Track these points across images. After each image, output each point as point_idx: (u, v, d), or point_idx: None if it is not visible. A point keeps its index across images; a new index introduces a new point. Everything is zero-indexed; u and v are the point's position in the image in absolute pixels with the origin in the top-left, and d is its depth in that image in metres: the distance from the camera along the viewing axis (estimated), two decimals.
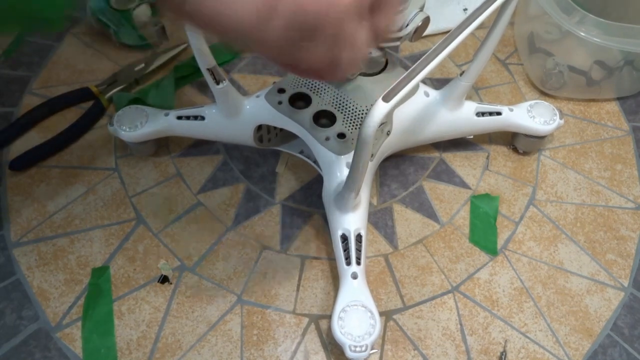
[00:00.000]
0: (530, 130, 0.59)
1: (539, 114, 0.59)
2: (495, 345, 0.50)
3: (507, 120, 0.59)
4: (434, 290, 0.53)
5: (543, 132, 0.59)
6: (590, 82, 0.66)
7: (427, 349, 0.49)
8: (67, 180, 0.58)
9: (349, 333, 0.44)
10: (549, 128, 0.59)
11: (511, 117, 0.59)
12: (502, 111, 0.58)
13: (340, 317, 0.45)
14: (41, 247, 0.54)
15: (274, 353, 0.49)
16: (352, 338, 0.44)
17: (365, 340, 0.44)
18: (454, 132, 0.60)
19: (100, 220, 0.56)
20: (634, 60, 0.63)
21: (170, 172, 0.60)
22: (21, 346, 0.48)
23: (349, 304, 0.46)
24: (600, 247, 0.57)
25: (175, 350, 0.49)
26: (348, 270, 0.47)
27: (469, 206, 0.59)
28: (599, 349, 0.50)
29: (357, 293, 0.47)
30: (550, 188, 0.61)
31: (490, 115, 0.58)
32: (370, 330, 0.45)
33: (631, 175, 0.62)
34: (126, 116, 0.57)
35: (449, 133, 0.60)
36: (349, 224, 0.48)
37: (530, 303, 0.53)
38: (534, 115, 0.59)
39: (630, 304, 0.53)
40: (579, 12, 0.59)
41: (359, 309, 0.46)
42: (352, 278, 0.47)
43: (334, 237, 0.49)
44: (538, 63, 0.68)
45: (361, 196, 0.48)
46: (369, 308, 0.46)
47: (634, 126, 0.67)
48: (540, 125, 0.59)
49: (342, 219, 0.49)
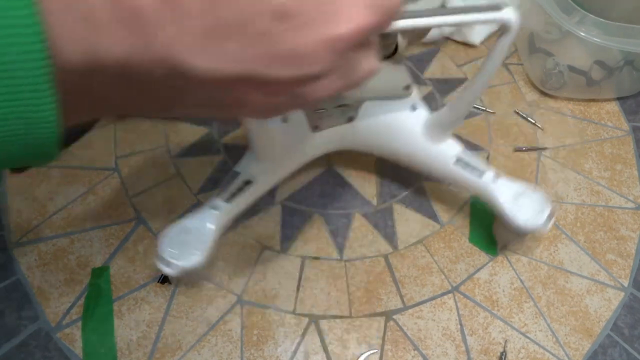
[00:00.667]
0: (506, 218, 0.49)
1: (529, 204, 0.48)
2: (495, 345, 0.50)
3: (485, 189, 0.49)
4: (434, 291, 0.53)
5: (521, 229, 0.48)
6: (590, 82, 0.66)
7: (427, 349, 0.49)
8: (67, 180, 0.58)
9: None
10: (530, 227, 0.48)
11: (490, 188, 0.49)
12: (484, 173, 0.50)
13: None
14: (41, 247, 0.54)
15: (274, 353, 0.49)
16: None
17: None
18: (425, 166, 0.52)
19: (100, 220, 0.56)
20: (634, 60, 0.63)
21: (170, 172, 0.60)
22: (21, 346, 0.48)
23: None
24: (600, 247, 0.57)
25: (175, 350, 0.49)
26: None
27: (469, 206, 0.59)
28: (599, 349, 0.50)
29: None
30: (550, 188, 0.61)
31: (470, 170, 0.49)
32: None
33: (631, 175, 0.62)
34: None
35: (420, 165, 0.52)
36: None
37: (530, 303, 0.53)
38: (520, 203, 0.48)
39: (630, 304, 0.53)
40: (579, 12, 0.59)
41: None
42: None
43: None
44: (538, 63, 0.68)
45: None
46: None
47: (634, 126, 0.67)
48: (522, 219, 0.47)
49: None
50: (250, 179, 0.50)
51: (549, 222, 0.48)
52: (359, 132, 0.52)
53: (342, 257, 0.54)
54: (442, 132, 0.49)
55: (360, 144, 0.54)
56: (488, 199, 0.50)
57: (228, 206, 0.48)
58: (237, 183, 0.49)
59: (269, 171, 0.51)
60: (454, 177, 0.51)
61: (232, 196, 0.49)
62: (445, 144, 0.50)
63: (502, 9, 0.37)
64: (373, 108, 0.50)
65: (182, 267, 0.45)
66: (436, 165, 0.51)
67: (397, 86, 0.50)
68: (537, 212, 0.48)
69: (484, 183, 0.49)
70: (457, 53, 0.73)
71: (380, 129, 0.51)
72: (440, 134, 0.50)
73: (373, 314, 0.51)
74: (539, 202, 0.49)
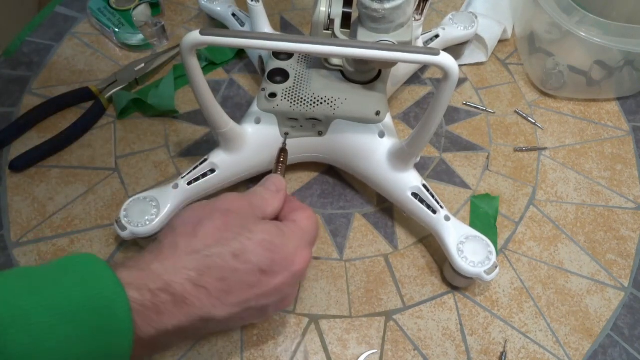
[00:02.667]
0: (450, 258, 0.49)
1: (476, 250, 0.49)
2: (496, 345, 0.50)
3: (435, 226, 0.50)
4: (434, 291, 0.53)
5: (462, 271, 0.48)
6: (590, 82, 0.66)
7: (427, 349, 0.49)
8: (67, 180, 0.58)
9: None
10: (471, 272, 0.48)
11: (441, 225, 0.50)
12: (437, 211, 0.50)
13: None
14: (41, 247, 0.54)
15: (273, 353, 0.49)
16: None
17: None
18: (385, 192, 0.54)
19: (100, 220, 0.56)
20: (634, 60, 0.63)
21: (170, 172, 0.60)
22: None
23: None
24: (600, 247, 0.57)
25: (175, 350, 0.48)
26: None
27: (469, 206, 0.59)
28: (599, 349, 0.50)
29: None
30: (550, 188, 0.61)
31: (425, 205, 0.51)
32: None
33: (631, 176, 0.62)
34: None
35: (381, 189, 0.54)
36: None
37: (531, 303, 0.53)
38: (467, 247, 0.49)
39: (630, 304, 0.53)
40: (579, 12, 0.59)
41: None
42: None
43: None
44: (538, 63, 0.68)
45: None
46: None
47: (634, 126, 0.67)
48: (465, 262, 0.48)
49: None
50: (214, 168, 0.52)
51: (491, 272, 0.48)
52: (327, 147, 0.54)
53: (342, 257, 0.54)
54: (402, 164, 0.51)
55: (328, 158, 0.56)
56: (437, 237, 0.51)
57: (188, 189, 0.51)
58: (202, 169, 0.52)
59: (233, 165, 0.53)
60: (409, 207, 0.52)
61: (194, 180, 0.52)
62: (406, 175, 0.52)
63: (439, 54, 0.39)
64: (342, 127, 0.53)
65: (133, 233, 0.49)
66: (394, 192, 0.52)
67: (368, 111, 0.52)
68: (482, 259, 0.48)
69: (436, 220, 0.50)
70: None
71: (347, 148, 0.53)
72: (400, 165, 0.51)
73: (373, 314, 0.51)
74: (486, 250, 0.49)
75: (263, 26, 0.62)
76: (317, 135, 0.53)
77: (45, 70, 0.68)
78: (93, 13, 0.71)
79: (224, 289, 0.34)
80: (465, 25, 0.67)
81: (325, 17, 0.50)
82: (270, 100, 0.52)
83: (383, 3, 0.46)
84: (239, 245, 0.35)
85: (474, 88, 0.69)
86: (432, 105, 0.44)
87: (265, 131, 0.53)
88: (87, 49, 0.70)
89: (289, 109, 0.52)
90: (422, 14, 0.58)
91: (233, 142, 0.51)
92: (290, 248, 0.37)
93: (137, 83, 0.67)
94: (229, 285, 0.35)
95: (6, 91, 0.65)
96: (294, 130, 0.53)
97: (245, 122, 0.53)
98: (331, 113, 0.52)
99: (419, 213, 0.51)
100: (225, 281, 0.34)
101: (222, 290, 0.34)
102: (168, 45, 0.71)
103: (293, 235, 0.38)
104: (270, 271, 0.36)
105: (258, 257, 0.36)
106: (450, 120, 0.66)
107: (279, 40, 0.40)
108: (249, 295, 0.36)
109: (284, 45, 0.40)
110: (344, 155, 0.54)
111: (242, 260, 0.35)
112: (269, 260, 0.36)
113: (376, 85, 0.54)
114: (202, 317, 0.34)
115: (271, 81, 0.54)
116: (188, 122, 0.64)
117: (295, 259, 0.37)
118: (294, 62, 0.55)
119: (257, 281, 0.36)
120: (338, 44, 0.40)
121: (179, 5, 0.76)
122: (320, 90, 0.53)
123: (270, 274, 0.36)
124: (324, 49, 0.40)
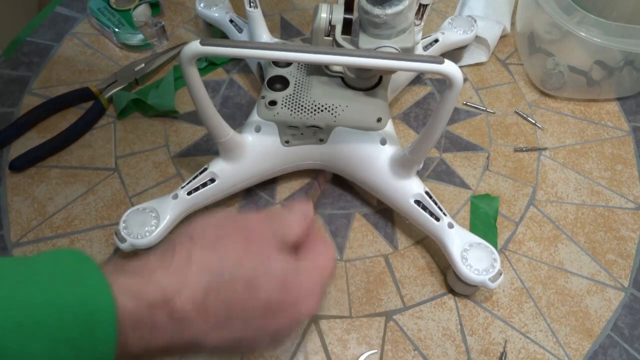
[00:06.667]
0: (453, 265, 0.49)
1: (480, 257, 0.49)
2: (496, 345, 0.50)
3: (439, 233, 0.50)
4: (434, 291, 0.53)
5: (465, 278, 0.48)
6: (590, 82, 0.66)
7: (427, 349, 0.49)
8: (67, 180, 0.58)
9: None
10: (475, 279, 0.48)
11: (444, 233, 0.50)
12: (440, 219, 0.50)
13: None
14: (41, 247, 0.54)
15: (273, 353, 0.48)
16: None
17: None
18: (387, 199, 0.53)
19: (100, 220, 0.56)
20: (634, 60, 0.63)
21: (170, 172, 0.60)
22: None
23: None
24: (600, 248, 0.57)
25: None
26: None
27: (469, 206, 0.59)
28: (599, 350, 0.50)
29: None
30: (550, 188, 0.61)
31: (428, 212, 0.50)
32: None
33: (631, 176, 0.62)
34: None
35: (383, 197, 0.54)
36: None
37: (531, 303, 0.53)
38: (471, 254, 0.48)
39: (630, 304, 0.53)
40: (579, 12, 0.59)
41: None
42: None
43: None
44: (538, 63, 0.68)
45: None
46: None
47: (634, 126, 0.67)
48: (469, 269, 0.48)
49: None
50: (214, 178, 0.52)
51: (496, 280, 0.47)
52: (328, 155, 0.54)
53: (342, 257, 0.54)
54: (405, 171, 0.51)
55: (329, 166, 0.56)
56: (441, 244, 0.50)
57: (187, 199, 0.51)
58: (202, 179, 0.52)
59: (234, 174, 0.52)
60: (411, 215, 0.52)
61: (194, 190, 0.51)
62: (408, 182, 0.51)
63: (443, 62, 0.39)
64: (344, 135, 0.52)
65: (132, 244, 0.48)
66: (396, 200, 0.52)
67: (369, 118, 0.52)
68: (486, 266, 0.48)
69: (439, 227, 0.50)
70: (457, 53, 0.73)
71: (348, 155, 0.53)
72: (402, 172, 0.51)
73: (373, 314, 0.51)
74: (490, 257, 0.48)
75: (261, 32, 0.62)
76: (318, 142, 0.53)
77: (45, 70, 0.68)
78: (93, 13, 0.71)
79: (224, 317, 0.32)
80: (464, 29, 0.67)
81: (326, 24, 0.49)
82: (270, 108, 0.52)
83: (385, 9, 0.46)
84: (253, 275, 0.33)
85: (474, 88, 0.69)
86: (435, 112, 0.43)
87: (266, 139, 0.52)
88: (87, 49, 0.70)
89: (290, 117, 0.52)
90: (422, 18, 0.58)
91: (233, 151, 0.51)
92: (302, 291, 0.35)
93: (137, 83, 0.67)
94: (230, 315, 0.32)
95: (6, 91, 0.65)
96: (294, 138, 0.53)
97: (245, 130, 0.53)
98: (332, 120, 0.52)
99: (422, 221, 0.51)
100: (228, 310, 0.32)
101: (222, 318, 0.32)
102: (168, 46, 0.71)
103: (308, 276, 0.36)
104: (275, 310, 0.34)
105: (268, 293, 0.33)
106: (450, 120, 0.65)
107: (281, 50, 0.39)
108: (245, 333, 0.33)
109: (287, 55, 0.39)
110: (346, 163, 0.54)
111: (252, 292, 0.33)
112: (278, 300, 0.33)
113: (377, 91, 0.54)
114: (191, 342, 0.32)
115: (271, 89, 0.53)
116: (188, 122, 0.64)
117: (303, 306, 0.35)
118: (293, 69, 0.55)
119: (258, 317, 0.33)
120: (341, 53, 0.40)
121: (179, 6, 0.76)
122: (321, 98, 0.52)
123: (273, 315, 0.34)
124: (328, 59, 0.39)
